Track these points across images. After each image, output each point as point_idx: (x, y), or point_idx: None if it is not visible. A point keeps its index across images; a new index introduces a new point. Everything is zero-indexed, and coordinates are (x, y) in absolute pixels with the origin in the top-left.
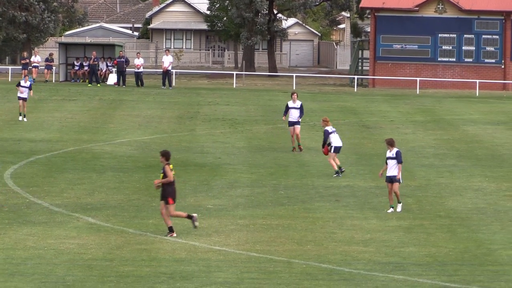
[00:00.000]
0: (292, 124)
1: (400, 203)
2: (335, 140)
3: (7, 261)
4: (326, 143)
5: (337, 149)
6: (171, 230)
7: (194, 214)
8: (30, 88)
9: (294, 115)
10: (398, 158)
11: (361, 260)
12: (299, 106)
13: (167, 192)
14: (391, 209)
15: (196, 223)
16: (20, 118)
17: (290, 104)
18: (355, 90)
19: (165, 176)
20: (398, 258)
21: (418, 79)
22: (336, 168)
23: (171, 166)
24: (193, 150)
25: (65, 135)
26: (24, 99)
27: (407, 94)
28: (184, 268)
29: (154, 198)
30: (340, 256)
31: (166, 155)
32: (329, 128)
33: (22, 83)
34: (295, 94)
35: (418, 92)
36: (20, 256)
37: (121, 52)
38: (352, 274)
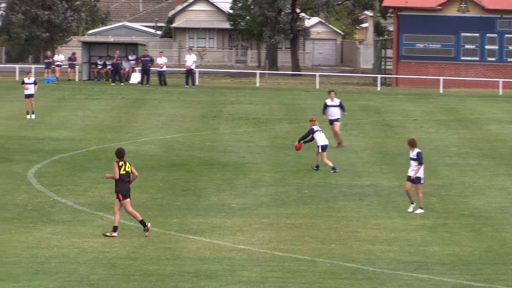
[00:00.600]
0: (332, 122)
1: (421, 208)
2: (321, 138)
3: (31, 260)
4: (304, 139)
5: (324, 148)
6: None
7: (148, 224)
8: (35, 83)
9: (333, 112)
10: (418, 159)
11: (385, 259)
12: (338, 104)
13: (117, 188)
14: (411, 206)
15: (146, 234)
16: (28, 116)
17: (329, 102)
18: (378, 89)
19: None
20: (422, 257)
21: (441, 78)
22: (333, 165)
23: (121, 163)
24: (216, 149)
25: (89, 134)
26: (30, 96)
27: (430, 93)
28: (208, 267)
29: (178, 197)
30: (364, 255)
31: (116, 153)
32: (315, 127)
33: (26, 80)
34: (333, 92)
35: (441, 91)
36: (44, 254)
37: (145, 51)
38: (376, 273)
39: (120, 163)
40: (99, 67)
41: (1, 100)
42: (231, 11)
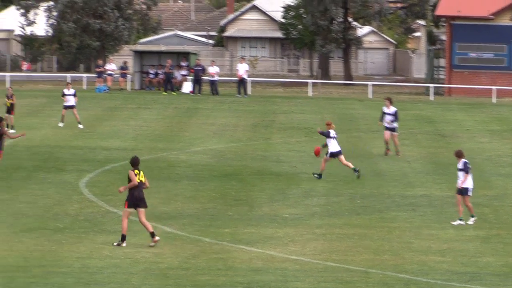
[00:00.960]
0: (387, 129)
1: (473, 217)
2: (333, 145)
3: (83, 270)
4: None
5: (333, 155)
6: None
7: (157, 237)
8: (75, 95)
9: (389, 120)
10: (465, 168)
11: (438, 270)
12: (393, 112)
13: (128, 196)
14: (458, 222)
15: (152, 244)
16: (60, 124)
17: (385, 110)
18: (431, 98)
19: (129, 181)
20: (475, 268)
21: (494, 87)
22: (321, 172)
23: (136, 171)
24: (268, 159)
25: (140, 144)
26: (71, 107)
27: (483, 103)
28: (261, 278)
29: (230, 207)
30: (417, 266)
31: (131, 161)
32: (332, 132)
33: (66, 91)
34: (389, 100)
35: (494, 101)
36: (96, 265)
37: (197, 60)
38: (429, 284)
39: (135, 171)
40: (151, 76)
41: (53, 109)
42: (283, 20)
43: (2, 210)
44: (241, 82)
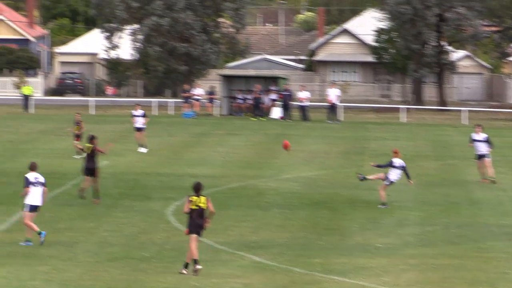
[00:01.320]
0: (479, 157)
1: None
2: (394, 174)
3: None
4: (379, 167)
5: (391, 183)
6: (195, 262)
7: (199, 266)
8: (144, 116)
9: (480, 148)
10: None
11: None
12: (484, 139)
13: (187, 223)
14: None
15: (185, 272)
16: (140, 149)
17: (474, 136)
18: None
19: None
20: None
21: None
22: (383, 201)
23: (194, 198)
24: (360, 187)
25: (229, 171)
26: (139, 129)
27: None
28: None
29: (321, 236)
30: None
31: (192, 187)
32: (396, 161)
33: (134, 112)
34: (479, 126)
35: None
36: None
37: (286, 85)
38: None
39: (194, 198)
40: (239, 101)
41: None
42: (374, 44)
43: (87, 239)
44: (332, 107)
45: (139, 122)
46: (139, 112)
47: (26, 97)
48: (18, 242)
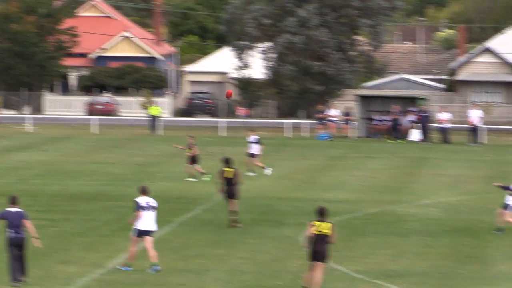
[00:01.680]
0: None
1: None
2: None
3: None
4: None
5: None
6: None
7: None
8: (258, 142)
9: None
10: None
11: None
12: None
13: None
14: None
15: None
16: (267, 171)
17: None
18: None
19: None
20: None
21: None
22: (500, 227)
23: (316, 222)
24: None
25: (366, 196)
26: (251, 155)
27: None
28: None
29: (463, 264)
30: None
31: (317, 211)
32: None
33: (247, 138)
34: None
35: None
36: None
37: (424, 106)
38: None
39: (316, 222)
40: (377, 122)
41: (271, 158)
42: None
43: (218, 266)
44: (474, 129)
45: (253, 148)
46: (252, 138)
47: (154, 118)
48: (145, 270)
